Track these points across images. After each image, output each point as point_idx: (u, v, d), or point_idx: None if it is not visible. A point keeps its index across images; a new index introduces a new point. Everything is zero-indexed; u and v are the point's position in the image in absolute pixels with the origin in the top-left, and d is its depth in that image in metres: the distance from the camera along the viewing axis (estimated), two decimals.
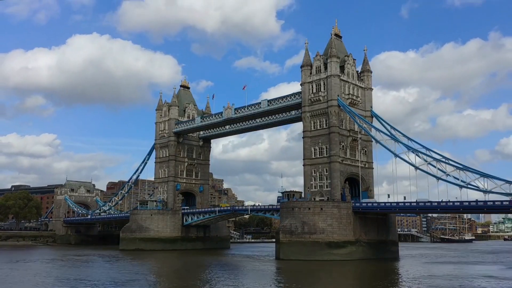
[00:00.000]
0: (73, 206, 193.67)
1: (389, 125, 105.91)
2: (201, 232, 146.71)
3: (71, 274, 70.35)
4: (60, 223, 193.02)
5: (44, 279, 63.53)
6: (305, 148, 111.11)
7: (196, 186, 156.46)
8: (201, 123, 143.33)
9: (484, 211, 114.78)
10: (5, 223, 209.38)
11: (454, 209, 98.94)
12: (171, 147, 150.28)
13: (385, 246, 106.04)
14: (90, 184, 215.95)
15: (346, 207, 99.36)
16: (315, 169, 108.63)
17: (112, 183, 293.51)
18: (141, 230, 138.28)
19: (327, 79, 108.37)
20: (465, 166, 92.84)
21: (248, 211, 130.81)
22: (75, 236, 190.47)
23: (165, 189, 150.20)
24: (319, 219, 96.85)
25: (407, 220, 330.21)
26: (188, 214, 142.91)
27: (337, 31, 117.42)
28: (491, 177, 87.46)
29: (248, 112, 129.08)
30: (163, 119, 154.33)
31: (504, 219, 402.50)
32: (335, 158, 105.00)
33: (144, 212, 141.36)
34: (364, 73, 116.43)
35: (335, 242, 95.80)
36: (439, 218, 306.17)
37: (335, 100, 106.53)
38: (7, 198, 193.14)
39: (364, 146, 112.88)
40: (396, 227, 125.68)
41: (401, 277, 71.72)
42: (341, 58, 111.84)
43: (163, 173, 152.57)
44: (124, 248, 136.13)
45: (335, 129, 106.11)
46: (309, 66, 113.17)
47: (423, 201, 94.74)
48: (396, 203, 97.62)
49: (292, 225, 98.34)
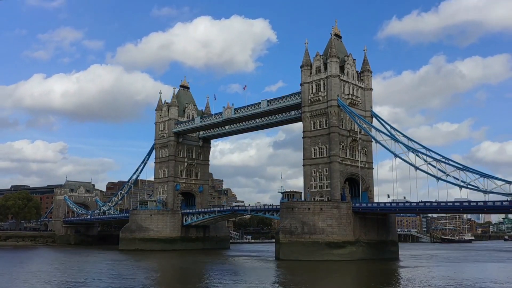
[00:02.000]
0: (73, 206, 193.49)
1: (389, 125, 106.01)
2: (201, 232, 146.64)
3: (71, 274, 70.19)
4: (59, 223, 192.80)
5: (43, 280, 63.38)
6: (305, 148, 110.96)
7: (196, 186, 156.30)
8: (201, 123, 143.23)
9: (484, 211, 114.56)
10: (4, 223, 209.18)
11: (454, 209, 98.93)
12: (171, 147, 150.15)
13: (385, 246, 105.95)
14: (89, 184, 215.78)
15: (346, 207, 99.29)
16: (315, 169, 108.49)
17: (112, 183, 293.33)
18: (140, 230, 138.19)
19: (327, 79, 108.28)
20: (465, 166, 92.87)
21: (248, 211, 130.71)
22: (74, 236, 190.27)
23: (165, 189, 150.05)
24: (319, 219, 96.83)
25: (407, 220, 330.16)
26: (188, 214, 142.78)
27: (337, 31, 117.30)
28: (491, 177, 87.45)
29: (247, 112, 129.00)
30: (162, 119, 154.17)
31: (504, 219, 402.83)
32: (335, 158, 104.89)
33: (144, 212, 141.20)
34: (364, 73, 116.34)
35: (335, 242, 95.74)
36: (439, 219, 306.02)
37: (335, 100, 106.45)
38: (6, 198, 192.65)
39: (364, 146, 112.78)
40: (396, 227, 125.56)
41: (401, 277, 71.57)
42: (341, 58, 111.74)
43: (162, 173, 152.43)
44: (123, 248, 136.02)
45: (335, 129, 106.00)
46: (309, 66, 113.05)
47: (423, 201, 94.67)
48: (396, 203, 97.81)
49: (292, 225, 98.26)
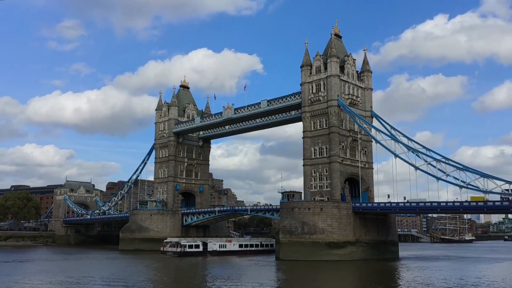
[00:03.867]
0: (73, 206, 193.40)
1: (389, 125, 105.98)
2: (201, 232, 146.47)
3: (70, 274, 70.11)
4: (59, 223, 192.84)
5: (43, 280, 63.31)
6: (305, 148, 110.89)
7: (196, 186, 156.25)
8: (201, 123, 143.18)
9: (484, 211, 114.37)
10: (4, 224, 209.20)
11: (454, 209, 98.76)
12: (171, 147, 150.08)
13: (385, 247, 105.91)
14: (89, 184, 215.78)
15: (346, 207, 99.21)
16: (315, 169, 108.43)
17: (112, 183, 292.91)
18: (140, 230, 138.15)
19: (327, 79, 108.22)
20: (465, 166, 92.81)
21: (248, 211, 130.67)
22: (74, 236, 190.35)
23: (165, 189, 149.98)
24: (319, 219, 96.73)
25: (407, 220, 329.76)
26: (188, 214, 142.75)
27: (337, 31, 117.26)
28: (491, 177, 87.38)
29: (247, 112, 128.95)
30: (162, 119, 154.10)
31: (504, 219, 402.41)
32: (335, 158, 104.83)
33: (144, 212, 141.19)
34: (364, 73, 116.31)
35: (335, 243, 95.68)
36: (439, 219, 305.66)
37: (335, 100, 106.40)
38: (6, 198, 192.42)
39: (364, 146, 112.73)
40: (396, 227, 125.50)
41: (401, 277, 71.49)
42: (341, 58, 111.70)
43: (162, 173, 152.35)
44: (123, 248, 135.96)
45: (335, 129, 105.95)
46: (309, 66, 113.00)
47: (423, 201, 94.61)
48: (396, 203, 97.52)
49: (292, 225, 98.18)
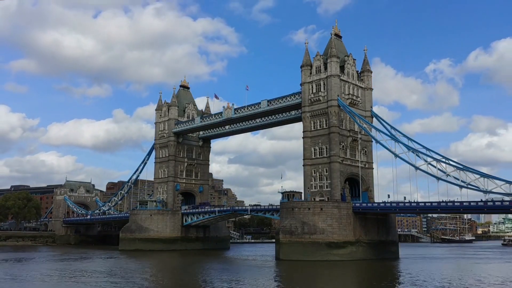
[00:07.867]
0: (73, 206, 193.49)
1: (389, 125, 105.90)
2: (201, 232, 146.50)
3: (70, 274, 70.10)
4: (59, 223, 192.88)
5: (42, 280, 63.27)
6: (305, 148, 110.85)
7: (196, 186, 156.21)
8: (201, 123, 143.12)
9: (484, 211, 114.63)
10: (4, 224, 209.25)
11: (454, 209, 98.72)
12: (171, 147, 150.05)
13: (385, 247, 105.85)
14: (89, 184, 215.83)
15: (346, 207, 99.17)
16: (315, 169, 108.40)
17: (112, 183, 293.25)
18: (140, 230, 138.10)
19: (327, 79, 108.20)
20: (465, 166, 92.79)
21: (248, 211, 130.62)
22: (74, 237, 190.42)
23: (165, 189, 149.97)
24: (319, 219, 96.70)
25: (407, 221, 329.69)
26: (188, 214, 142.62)
27: (337, 31, 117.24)
28: (491, 177, 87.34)
29: (248, 112, 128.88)
30: (162, 119, 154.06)
31: (504, 219, 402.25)
32: (335, 158, 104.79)
33: (144, 212, 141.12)
34: (364, 73, 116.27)
35: (335, 243, 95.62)
36: (439, 219, 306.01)
37: (335, 100, 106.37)
38: (6, 198, 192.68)
39: (364, 146, 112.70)
40: (396, 228, 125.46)
41: (401, 277, 71.45)
42: (341, 58, 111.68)
43: (162, 173, 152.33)
44: (123, 248, 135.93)
45: (335, 129, 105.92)
46: (309, 66, 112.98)
47: (423, 201, 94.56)
48: (396, 203, 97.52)
49: (292, 225, 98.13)
